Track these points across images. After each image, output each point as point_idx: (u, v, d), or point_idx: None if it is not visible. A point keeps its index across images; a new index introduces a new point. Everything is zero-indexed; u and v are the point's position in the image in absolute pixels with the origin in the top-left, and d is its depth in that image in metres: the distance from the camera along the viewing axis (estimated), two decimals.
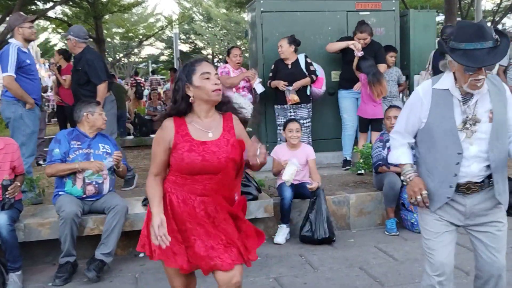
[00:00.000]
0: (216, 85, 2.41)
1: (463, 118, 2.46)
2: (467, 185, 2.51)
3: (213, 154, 2.40)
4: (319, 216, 4.50)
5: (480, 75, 2.34)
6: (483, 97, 2.47)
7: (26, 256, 4.11)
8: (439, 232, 2.59)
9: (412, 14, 6.95)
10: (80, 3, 14.55)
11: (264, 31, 6.36)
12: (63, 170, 4.01)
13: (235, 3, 18.92)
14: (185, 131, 2.43)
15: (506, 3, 16.73)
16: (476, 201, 2.53)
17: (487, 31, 2.31)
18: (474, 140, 2.46)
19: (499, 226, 2.58)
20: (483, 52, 2.29)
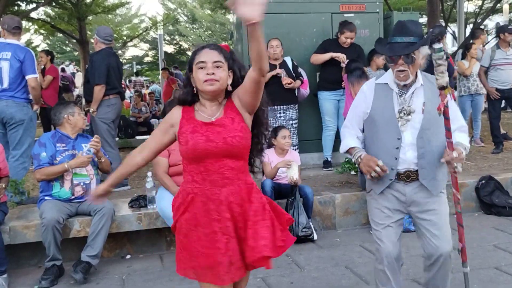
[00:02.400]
0: (208, 75, 2.18)
1: (399, 108, 2.75)
2: (406, 173, 2.76)
3: (217, 134, 2.20)
4: (295, 215, 4.57)
5: (400, 66, 2.65)
6: (417, 91, 2.76)
7: (12, 258, 4.08)
8: (384, 224, 2.85)
9: (396, 16, 7.02)
10: (64, 4, 14.43)
11: None
12: (54, 173, 3.98)
13: (220, 4, 18.91)
14: (191, 115, 2.28)
15: (488, 5, 16.98)
16: (415, 189, 2.77)
17: (409, 28, 2.65)
18: (408, 129, 2.73)
19: (437, 212, 2.80)
20: (402, 45, 2.63)
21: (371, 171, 2.72)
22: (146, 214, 4.33)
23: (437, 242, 2.78)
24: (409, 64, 2.66)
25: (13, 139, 5.09)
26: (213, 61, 2.20)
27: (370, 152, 2.82)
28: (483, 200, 5.36)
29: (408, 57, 2.63)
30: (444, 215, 2.84)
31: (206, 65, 2.20)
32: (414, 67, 2.69)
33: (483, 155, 7.12)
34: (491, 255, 4.18)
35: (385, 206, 2.86)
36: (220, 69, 2.20)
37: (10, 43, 5.08)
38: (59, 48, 33.31)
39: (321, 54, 6.19)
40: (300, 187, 4.71)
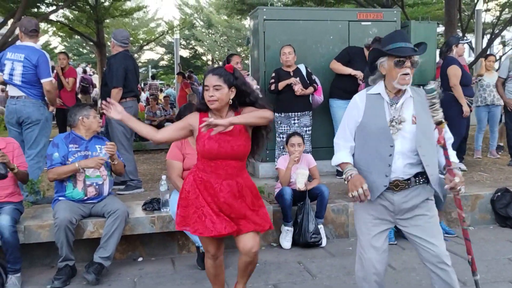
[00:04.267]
0: (210, 97, 2.86)
1: (390, 117, 2.82)
2: (395, 182, 2.81)
3: (227, 142, 2.89)
4: (305, 221, 4.57)
5: (407, 69, 2.75)
6: (407, 102, 2.84)
7: (25, 258, 4.11)
8: (371, 234, 2.90)
9: (413, 25, 7.00)
10: (82, 7, 14.60)
11: (266, 39, 6.40)
12: (65, 172, 4.02)
13: (236, 10, 18.97)
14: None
15: (505, 16, 16.84)
16: (403, 198, 2.82)
17: (407, 37, 2.85)
18: (398, 137, 2.79)
19: (427, 217, 2.85)
20: (408, 49, 2.76)
21: (354, 191, 2.73)
22: (159, 217, 4.34)
23: (432, 247, 2.80)
24: (415, 67, 2.80)
25: (28, 139, 5.15)
26: (213, 85, 2.87)
27: (361, 159, 2.88)
28: (498, 213, 5.30)
29: (415, 62, 2.77)
30: (436, 219, 2.90)
31: (208, 88, 2.89)
32: (412, 73, 2.81)
33: (499, 167, 7.05)
34: (505, 269, 4.12)
35: (373, 215, 2.90)
36: (218, 91, 2.87)
37: (25, 45, 5.14)
38: (76, 50, 33.69)
39: (343, 64, 6.16)
40: (316, 186, 4.72)
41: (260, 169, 6.46)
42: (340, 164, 2.92)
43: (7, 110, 5.19)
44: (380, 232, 2.91)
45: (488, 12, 17.77)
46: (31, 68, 5.03)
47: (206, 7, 31.66)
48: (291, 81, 5.89)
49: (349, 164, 2.88)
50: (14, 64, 5.04)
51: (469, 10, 16.37)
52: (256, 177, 6.40)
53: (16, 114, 5.09)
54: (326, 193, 4.69)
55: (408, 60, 2.74)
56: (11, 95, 5.20)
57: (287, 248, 4.65)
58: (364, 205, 2.89)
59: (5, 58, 5.10)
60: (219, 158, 2.91)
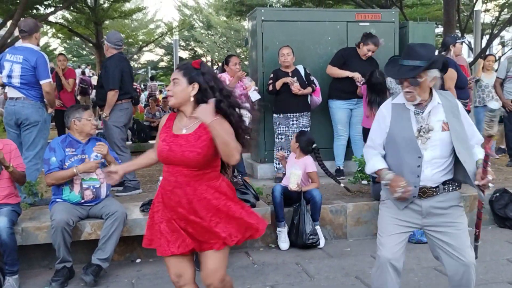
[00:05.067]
0: (168, 91, 2.65)
1: (418, 127, 2.80)
2: (423, 189, 2.81)
3: (179, 146, 2.56)
4: (301, 223, 4.58)
5: (406, 88, 2.75)
6: (435, 109, 2.81)
7: (23, 259, 4.11)
8: (392, 233, 2.89)
9: (411, 25, 7.00)
10: (81, 9, 14.61)
11: (264, 40, 6.41)
12: (63, 177, 4.00)
13: (235, 11, 19.00)
14: (169, 124, 2.67)
15: (505, 16, 16.84)
16: (431, 203, 2.83)
17: (417, 52, 2.75)
18: (428, 146, 2.78)
19: (457, 225, 2.84)
20: (408, 68, 2.73)
21: (397, 191, 2.75)
22: None
23: (457, 254, 2.81)
24: (415, 86, 2.74)
25: (26, 140, 5.14)
26: (172, 79, 2.61)
27: (393, 169, 2.88)
28: (497, 213, 5.30)
29: (413, 80, 2.74)
30: (465, 227, 2.88)
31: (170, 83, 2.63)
32: (421, 88, 2.76)
33: (498, 168, 7.04)
34: (504, 269, 4.12)
35: (398, 218, 2.90)
36: (175, 85, 2.58)
37: (24, 47, 5.14)
38: (75, 52, 33.71)
39: (338, 67, 6.15)
40: (308, 190, 4.71)
41: (258, 170, 6.46)
42: (377, 171, 2.91)
43: (6, 112, 5.19)
44: (401, 232, 2.90)
45: (487, 12, 17.78)
46: (30, 70, 5.03)
47: (206, 8, 31.66)
48: (287, 80, 5.89)
49: (385, 168, 2.88)
50: (13, 66, 5.04)
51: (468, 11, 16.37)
52: (255, 178, 6.40)
53: (15, 116, 5.08)
54: (318, 197, 4.68)
55: (405, 81, 2.74)
56: (10, 97, 5.20)
57: (285, 249, 4.65)
58: (391, 206, 2.92)
59: (4, 60, 5.10)
60: (170, 163, 2.59)
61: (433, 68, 2.75)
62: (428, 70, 2.74)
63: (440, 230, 2.85)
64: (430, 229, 2.90)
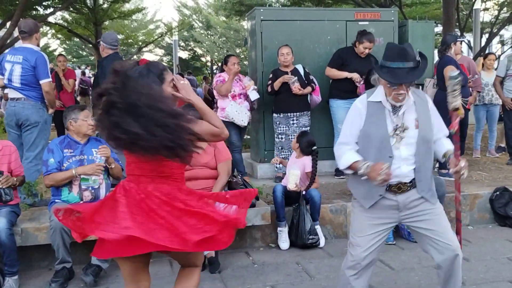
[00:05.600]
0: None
1: (393, 126, 2.81)
2: (398, 185, 2.84)
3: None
4: (301, 223, 4.57)
5: (401, 90, 2.73)
6: (410, 108, 2.83)
7: (23, 260, 4.10)
8: (367, 233, 2.90)
9: (411, 24, 7.00)
10: (81, 9, 14.61)
11: (263, 40, 6.40)
12: (61, 179, 3.97)
13: (234, 11, 18.99)
14: None
15: (504, 15, 16.84)
16: (407, 196, 2.85)
17: (409, 53, 2.72)
18: (402, 145, 2.80)
19: (433, 211, 2.87)
20: (404, 71, 2.69)
21: (378, 176, 2.67)
22: None
23: (441, 238, 2.84)
24: (408, 87, 2.77)
25: (27, 141, 5.15)
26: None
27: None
28: (497, 212, 5.29)
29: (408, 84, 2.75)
30: (441, 211, 2.92)
31: None
32: (410, 88, 2.81)
33: (498, 166, 7.04)
34: (505, 268, 4.11)
35: (374, 216, 2.90)
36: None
37: (23, 47, 5.14)
38: (75, 53, 33.72)
39: (337, 68, 6.13)
40: (308, 191, 4.71)
41: (258, 170, 6.45)
42: (352, 165, 2.83)
43: (7, 113, 5.20)
44: (376, 231, 2.91)
45: (486, 11, 17.79)
46: (30, 70, 5.04)
47: (205, 9, 31.64)
48: (285, 78, 5.88)
49: (360, 160, 2.81)
50: (13, 66, 5.05)
51: (467, 10, 16.38)
52: (255, 178, 6.39)
53: (15, 116, 5.09)
54: (316, 198, 4.67)
55: (402, 84, 2.72)
56: (11, 97, 5.20)
57: (285, 249, 4.64)
58: (361, 208, 2.94)
59: (5, 61, 5.11)
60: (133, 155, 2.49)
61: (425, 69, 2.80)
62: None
63: (418, 219, 2.88)
64: (408, 220, 2.91)
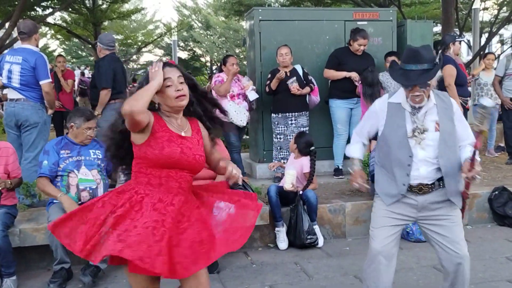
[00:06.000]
0: (178, 91, 2.39)
1: (413, 127, 2.84)
2: (419, 186, 2.87)
3: (189, 149, 2.43)
4: (298, 223, 4.57)
5: (416, 91, 2.76)
6: (430, 110, 2.85)
7: (21, 261, 4.10)
8: (384, 225, 2.95)
9: (409, 24, 6.99)
10: (79, 10, 14.60)
11: (262, 40, 6.40)
12: (47, 193, 3.99)
13: (234, 11, 18.99)
14: (163, 123, 2.44)
15: (503, 14, 16.82)
16: (427, 198, 2.88)
17: (423, 55, 2.73)
18: (422, 146, 2.83)
19: (451, 218, 2.89)
20: (417, 73, 2.72)
21: (354, 183, 3.02)
22: None
23: (451, 246, 2.87)
24: (425, 89, 2.78)
25: (26, 142, 5.15)
26: (178, 76, 2.41)
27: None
28: (496, 211, 5.29)
29: (424, 83, 2.75)
30: (458, 220, 2.93)
31: (173, 82, 2.39)
32: (428, 90, 2.82)
33: (497, 166, 7.03)
34: (503, 267, 4.11)
35: (392, 210, 2.95)
36: (184, 85, 2.41)
37: (23, 48, 5.14)
38: (75, 53, 33.68)
39: (335, 69, 6.13)
40: (304, 192, 4.70)
41: (257, 170, 6.45)
42: (351, 158, 3.13)
43: (6, 113, 5.19)
44: (393, 225, 2.95)
45: (486, 11, 17.77)
46: (29, 70, 5.04)
47: (204, 9, 31.62)
48: (277, 77, 5.87)
49: (357, 159, 3.12)
50: (12, 67, 5.05)
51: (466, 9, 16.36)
52: (254, 178, 6.39)
53: (15, 117, 5.09)
54: (312, 199, 4.66)
55: (416, 86, 2.75)
56: (10, 98, 5.20)
57: (284, 249, 4.64)
58: (382, 203, 2.99)
59: (4, 61, 5.11)
60: (176, 167, 2.39)
61: (438, 70, 2.79)
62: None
63: (434, 223, 2.91)
64: (424, 222, 2.95)
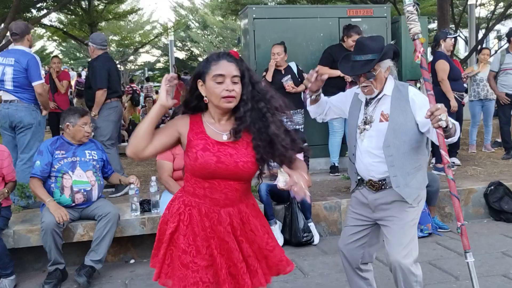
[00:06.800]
0: (227, 91, 2.08)
1: (363, 118, 2.86)
2: (370, 181, 2.85)
3: (229, 156, 2.12)
4: (294, 221, 4.57)
5: (363, 82, 2.77)
6: (382, 101, 2.81)
7: (17, 262, 4.08)
8: (347, 225, 3.02)
9: (404, 20, 6.96)
10: (75, 10, 14.58)
11: (256, 38, 6.39)
12: (37, 195, 3.99)
13: (231, 10, 18.97)
14: (201, 129, 2.17)
15: (500, 10, 16.83)
16: (376, 197, 2.84)
17: (367, 46, 2.74)
18: (365, 137, 2.83)
19: (395, 220, 2.80)
20: (360, 63, 2.74)
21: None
22: (149, 219, 4.32)
23: (389, 249, 2.79)
24: (371, 79, 2.75)
25: (21, 143, 5.14)
26: (232, 76, 2.10)
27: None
28: (492, 206, 5.29)
29: (369, 74, 2.74)
30: (404, 223, 2.78)
31: (224, 80, 2.09)
32: (377, 81, 2.77)
33: (493, 161, 7.04)
34: (499, 262, 4.11)
35: (355, 211, 2.99)
36: (237, 85, 2.11)
37: (15, 49, 5.14)
38: (72, 55, 33.67)
39: (329, 66, 6.11)
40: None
41: None
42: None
43: (0, 115, 5.18)
44: (354, 225, 2.96)
45: (483, 7, 17.77)
46: (22, 72, 5.03)
47: (201, 8, 31.62)
48: (271, 65, 5.88)
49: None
50: (5, 69, 5.04)
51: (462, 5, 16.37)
52: None
53: (9, 119, 5.08)
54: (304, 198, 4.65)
55: (361, 76, 2.76)
56: (4, 100, 5.20)
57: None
58: (352, 198, 3.03)
59: None
60: (216, 177, 2.14)
61: (385, 59, 2.75)
62: (381, 62, 2.73)
63: (384, 224, 2.86)
64: (380, 223, 2.89)
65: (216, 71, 2.10)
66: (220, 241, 2.15)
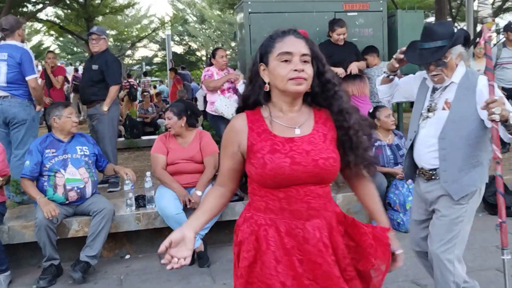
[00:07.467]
0: (295, 71, 1.71)
1: (427, 105, 2.76)
2: (422, 170, 2.78)
3: (306, 154, 1.72)
4: None
5: (433, 71, 2.65)
6: (450, 88, 2.69)
7: (12, 258, 4.09)
8: (414, 218, 3.02)
9: (400, 14, 6.95)
10: (71, 5, 14.50)
11: (252, 32, 6.35)
12: (29, 194, 3.98)
13: (228, 4, 18.96)
14: (263, 127, 1.78)
15: (498, 3, 16.80)
16: (424, 188, 2.79)
17: (436, 32, 2.59)
18: (426, 125, 2.73)
19: (439, 215, 2.75)
20: (430, 51, 2.59)
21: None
22: (144, 214, 4.32)
23: (429, 241, 2.81)
24: (442, 67, 2.62)
25: (15, 139, 5.12)
26: (302, 54, 1.74)
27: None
28: (487, 201, 5.28)
29: (440, 62, 2.60)
30: (449, 220, 2.70)
31: (292, 58, 1.73)
32: (448, 69, 2.65)
33: None
34: (493, 256, 4.12)
35: (417, 205, 2.98)
36: (308, 65, 1.75)
37: (8, 44, 5.11)
38: (69, 50, 33.58)
39: None
40: None
41: None
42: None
43: None
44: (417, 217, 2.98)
45: None
46: (15, 67, 5.00)
47: (199, 2, 31.52)
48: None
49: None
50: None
51: None
52: None
53: (3, 114, 5.06)
54: None
55: (431, 65, 2.63)
56: None
57: None
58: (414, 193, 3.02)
59: None
60: (293, 184, 1.72)
61: (456, 45, 2.61)
62: (452, 48, 2.59)
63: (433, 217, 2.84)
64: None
65: (281, 49, 1.75)
66: (312, 265, 1.72)
